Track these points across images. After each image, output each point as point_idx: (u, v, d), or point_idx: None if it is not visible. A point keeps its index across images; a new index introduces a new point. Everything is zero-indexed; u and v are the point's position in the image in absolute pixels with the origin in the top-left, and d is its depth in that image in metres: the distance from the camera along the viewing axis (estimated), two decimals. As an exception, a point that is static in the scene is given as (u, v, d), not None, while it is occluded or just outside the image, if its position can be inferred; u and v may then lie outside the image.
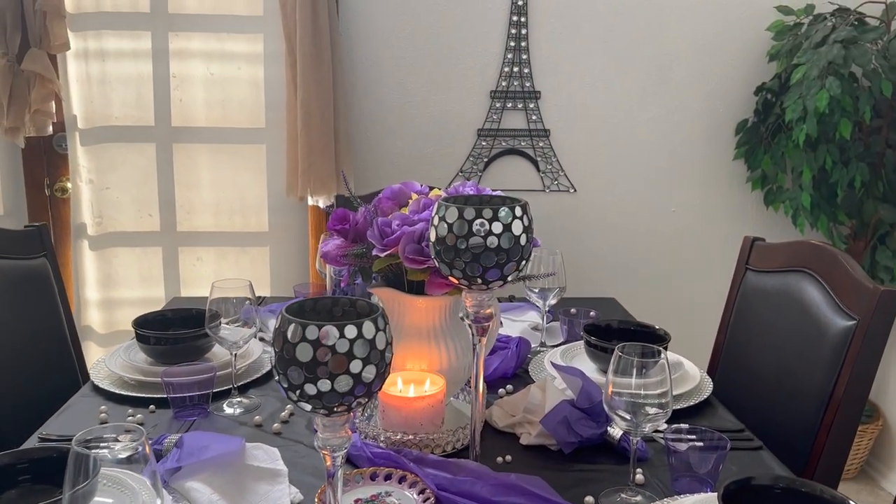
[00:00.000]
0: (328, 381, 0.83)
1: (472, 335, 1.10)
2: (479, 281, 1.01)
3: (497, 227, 0.97)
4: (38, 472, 0.95)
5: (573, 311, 1.75)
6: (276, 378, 0.86)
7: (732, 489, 0.92)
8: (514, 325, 1.79)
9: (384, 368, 0.87)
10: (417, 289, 1.26)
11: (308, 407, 0.86)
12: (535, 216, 1.02)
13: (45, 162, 2.52)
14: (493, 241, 0.97)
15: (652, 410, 1.06)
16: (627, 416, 1.05)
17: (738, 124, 2.59)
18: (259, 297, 1.80)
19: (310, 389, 0.84)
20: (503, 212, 0.97)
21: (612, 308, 1.94)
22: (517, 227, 0.98)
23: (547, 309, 1.71)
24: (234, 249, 2.62)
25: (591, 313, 1.76)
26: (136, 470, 0.83)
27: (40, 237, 1.63)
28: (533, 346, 1.65)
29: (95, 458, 0.81)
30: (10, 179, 2.50)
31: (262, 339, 1.61)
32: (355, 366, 0.83)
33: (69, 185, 2.49)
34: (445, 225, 0.99)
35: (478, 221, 0.97)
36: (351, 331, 0.83)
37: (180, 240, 2.59)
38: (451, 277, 1.03)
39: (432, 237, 1.01)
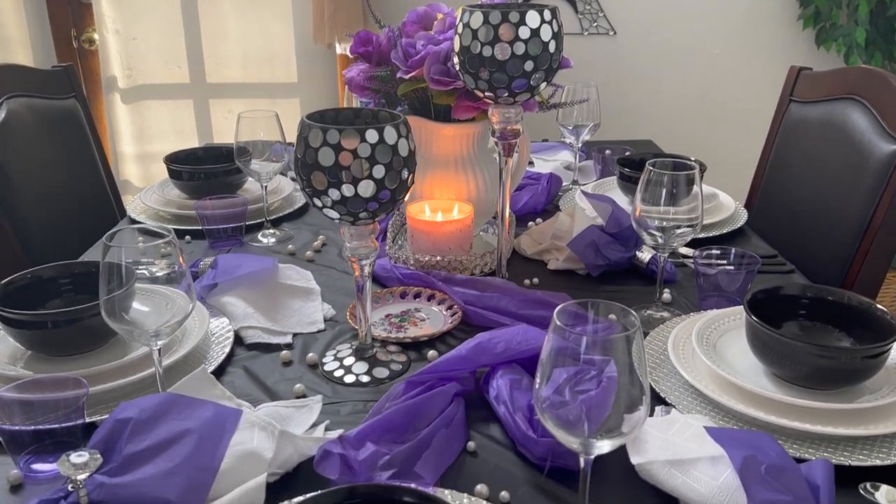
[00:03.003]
0: (351, 187, 0.83)
1: (499, 155, 1.08)
2: (506, 93, 0.98)
3: (524, 32, 0.92)
4: (80, 283, 0.99)
5: (607, 150, 1.71)
6: (301, 185, 0.86)
7: (760, 298, 0.91)
8: (547, 164, 1.76)
9: (407, 176, 0.86)
10: (444, 116, 1.23)
11: (334, 214, 0.86)
12: (573, 61, 0.96)
13: (70, 12, 2.48)
14: (519, 48, 0.93)
15: (680, 230, 1.05)
16: (656, 233, 1.04)
17: (793, -44, 2.41)
18: (290, 143, 1.79)
19: (334, 195, 0.84)
20: (531, 15, 0.92)
21: (649, 149, 1.89)
22: (546, 33, 0.94)
23: (580, 146, 1.67)
24: (265, 101, 2.60)
25: (626, 152, 1.72)
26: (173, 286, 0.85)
27: (68, 77, 1.62)
28: (564, 183, 1.63)
29: (130, 268, 0.84)
30: (38, 32, 2.47)
31: (292, 179, 1.62)
32: (378, 171, 0.83)
33: (96, 35, 2.46)
34: (470, 32, 0.95)
35: (503, 26, 0.92)
36: (372, 135, 0.82)
37: (210, 92, 2.57)
38: (476, 91, 1.00)
39: (456, 46, 0.98)
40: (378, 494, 0.58)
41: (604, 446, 0.61)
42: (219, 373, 0.94)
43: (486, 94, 0.99)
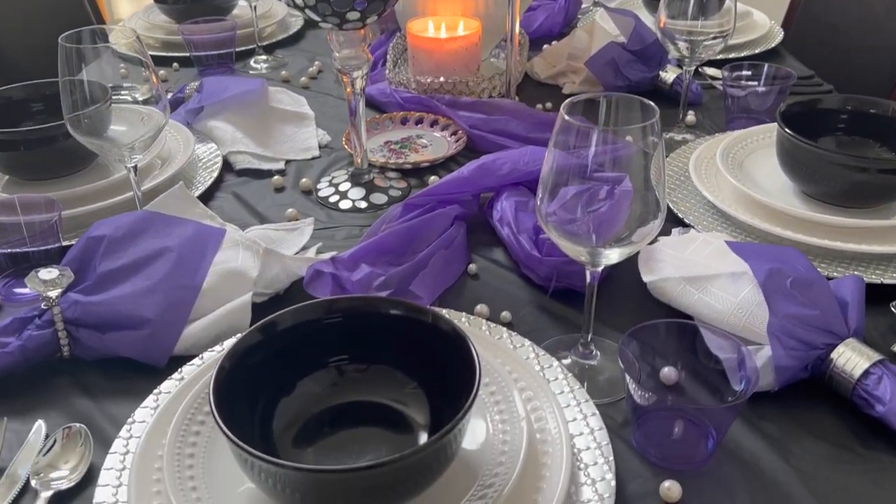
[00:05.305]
0: (336, -20, 0.73)
1: (509, -45, 0.96)
2: None
3: None
4: (54, 105, 0.91)
5: (633, -30, 1.55)
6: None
7: (796, 111, 0.82)
8: (565, -14, 1.61)
9: (400, -30, 0.76)
10: (449, -82, 1.10)
11: (316, 17, 0.77)
12: None
13: None
14: None
15: (707, 42, 0.94)
16: (682, 44, 0.94)
17: None
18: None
19: (316, -8, 0.74)
20: None
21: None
22: None
23: (602, -37, 1.51)
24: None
25: (653, -30, 1.56)
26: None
27: None
28: (584, 4, 1.49)
29: (99, 84, 0.76)
30: None
31: (287, 4, 1.50)
32: (365, -40, 0.73)
33: None
34: None
35: None
36: (357, -83, 0.71)
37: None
38: None
39: None
40: (359, 308, 0.53)
41: (612, 255, 0.55)
42: (207, 198, 0.89)
43: None
